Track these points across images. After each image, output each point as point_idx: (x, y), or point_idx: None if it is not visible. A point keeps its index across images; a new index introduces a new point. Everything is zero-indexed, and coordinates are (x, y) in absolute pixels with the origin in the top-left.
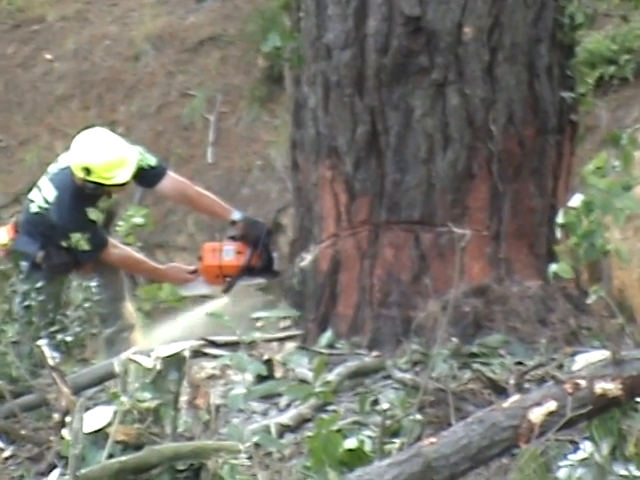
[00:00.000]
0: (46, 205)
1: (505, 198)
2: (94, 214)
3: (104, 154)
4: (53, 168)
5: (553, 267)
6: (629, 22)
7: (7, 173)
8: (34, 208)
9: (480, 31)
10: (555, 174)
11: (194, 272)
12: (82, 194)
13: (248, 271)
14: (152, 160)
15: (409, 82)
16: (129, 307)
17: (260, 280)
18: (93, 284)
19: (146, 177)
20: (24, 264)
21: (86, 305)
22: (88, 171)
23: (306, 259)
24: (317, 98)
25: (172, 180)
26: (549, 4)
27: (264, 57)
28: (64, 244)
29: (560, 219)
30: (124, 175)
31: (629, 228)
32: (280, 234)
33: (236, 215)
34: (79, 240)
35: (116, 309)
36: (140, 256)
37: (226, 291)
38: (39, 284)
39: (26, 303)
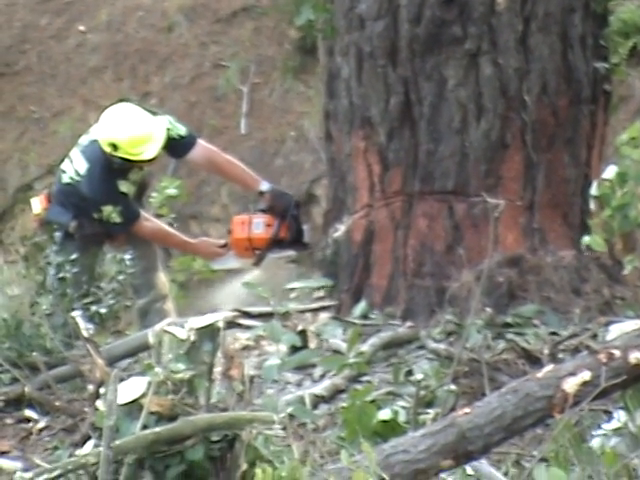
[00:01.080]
0: (77, 177)
1: (539, 168)
2: (125, 187)
3: (130, 131)
4: (84, 140)
5: (586, 239)
6: None
7: (41, 145)
8: (66, 179)
9: (513, 1)
10: (589, 144)
11: (224, 246)
12: (112, 167)
13: (277, 243)
14: (182, 130)
15: (442, 52)
16: (162, 278)
17: (290, 252)
18: (127, 256)
19: (177, 147)
20: (57, 234)
21: (120, 277)
22: (115, 147)
23: (340, 230)
24: (350, 69)
25: (202, 149)
26: None
27: (297, 28)
28: (96, 216)
29: (594, 191)
30: (151, 151)
31: None
32: (314, 205)
33: (264, 186)
34: (111, 213)
35: (149, 280)
36: (171, 229)
37: (256, 264)
38: (73, 256)
39: (60, 275)
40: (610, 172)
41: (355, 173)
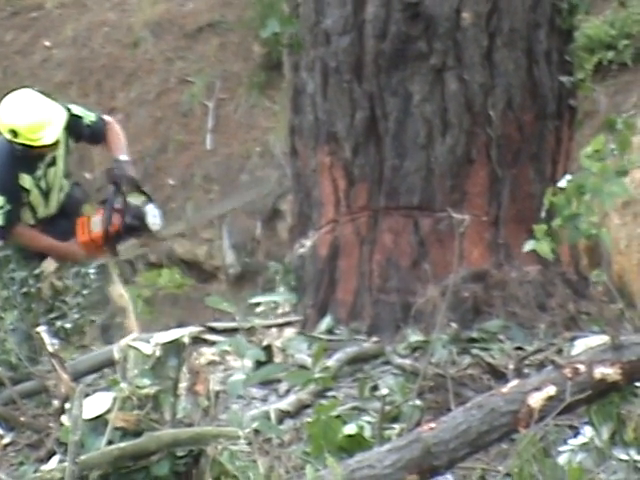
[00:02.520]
0: None
1: (504, 183)
2: (28, 182)
3: (29, 116)
4: None
5: (530, 244)
6: (627, 7)
7: None
8: None
9: (478, 16)
10: (554, 159)
11: None
12: (16, 155)
13: (118, 235)
14: (92, 116)
15: (408, 68)
16: (119, 290)
17: (134, 240)
18: (91, 271)
19: (92, 134)
20: None
21: (84, 292)
22: (15, 133)
23: (305, 245)
24: (316, 84)
25: (111, 128)
26: None
27: (262, 43)
28: None
29: (546, 199)
30: (50, 135)
31: (628, 213)
32: (279, 220)
33: (117, 159)
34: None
35: (105, 295)
36: (37, 233)
37: (114, 256)
38: (37, 271)
39: (24, 290)
40: (564, 181)
41: (321, 188)
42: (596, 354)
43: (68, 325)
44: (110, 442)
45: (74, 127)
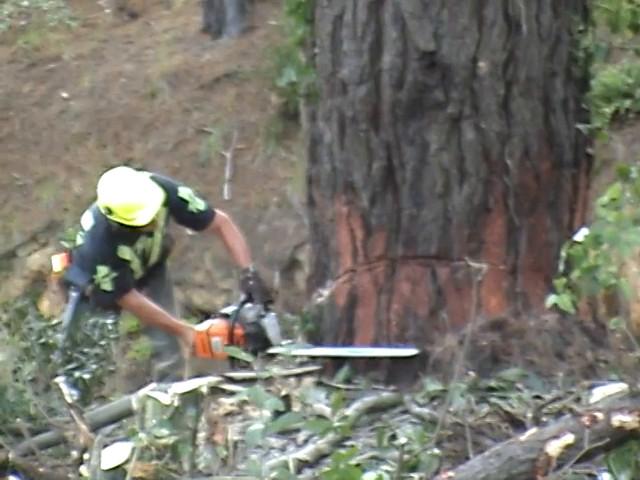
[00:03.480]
0: (82, 233)
1: (521, 232)
2: (128, 254)
3: (124, 196)
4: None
5: (552, 298)
6: None
7: (24, 211)
8: (79, 240)
9: (495, 65)
10: (571, 207)
11: None
12: (112, 230)
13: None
14: (201, 204)
15: (424, 117)
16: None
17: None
18: (109, 321)
19: (194, 221)
20: (73, 295)
21: (102, 342)
22: (109, 210)
23: (323, 295)
24: (333, 133)
25: (218, 221)
26: (564, 38)
27: (279, 93)
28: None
29: (563, 252)
30: (144, 217)
31: None
32: (297, 270)
33: (249, 266)
34: (103, 277)
35: (173, 342)
36: (159, 308)
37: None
38: (83, 318)
39: (42, 340)
40: (581, 235)
41: (338, 238)
42: (614, 402)
43: (86, 376)
44: None
45: (177, 209)
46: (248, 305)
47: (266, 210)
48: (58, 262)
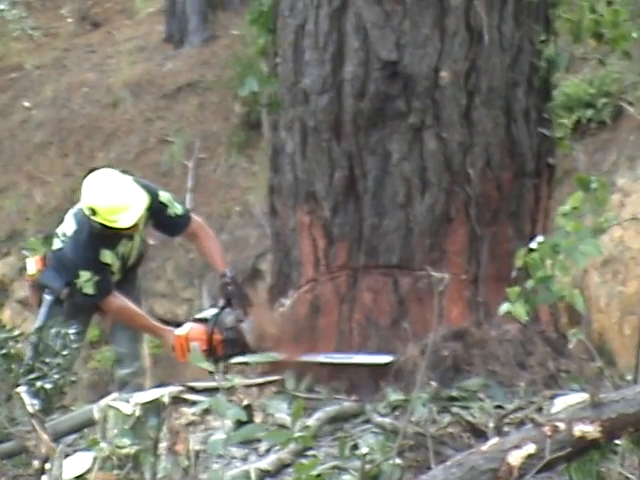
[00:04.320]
0: (64, 238)
1: (483, 242)
2: (109, 257)
3: (108, 197)
4: (78, 204)
5: (505, 307)
6: (606, 66)
7: None
8: (57, 244)
9: (457, 75)
10: (533, 217)
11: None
12: (95, 232)
13: (216, 355)
14: (179, 209)
15: (386, 126)
16: (145, 350)
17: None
18: (71, 331)
19: (172, 226)
20: (47, 298)
21: (65, 352)
22: (93, 211)
23: (285, 304)
24: (295, 143)
25: (193, 225)
26: (526, 48)
27: (242, 103)
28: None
29: (519, 260)
30: (127, 220)
31: (608, 271)
32: (259, 280)
33: (226, 272)
34: (85, 281)
35: (135, 350)
36: (139, 310)
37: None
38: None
39: (4, 351)
40: (535, 242)
41: (300, 247)
42: (576, 412)
43: (48, 385)
44: None
45: (156, 213)
46: (227, 310)
47: (228, 219)
48: (33, 265)
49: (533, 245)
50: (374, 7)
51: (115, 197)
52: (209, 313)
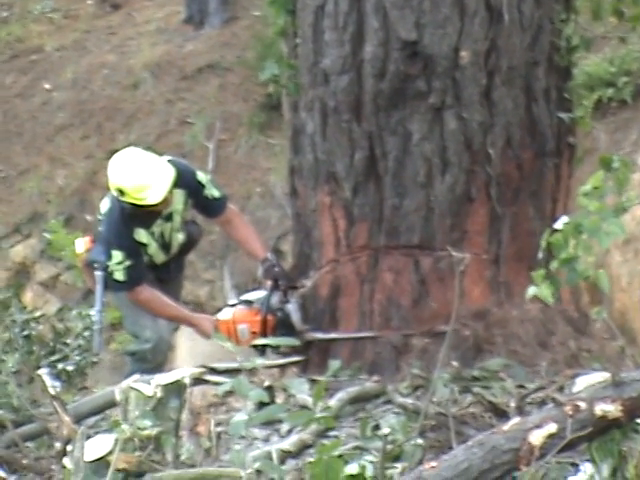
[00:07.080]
0: (99, 216)
1: (504, 221)
2: (144, 236)
3: (133, 176)
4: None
5: (532, 290)
6: (627, 44)
7: (7, 203)
8: (99, 218)
9: (477, 55)
10: (553, 197)
11: None
12: (129, 213)
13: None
14: (216, 192)
15: (407, 107)
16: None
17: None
18: (92, 312)
19: (208, 207)
20: (98, 274)
21: (86, 334)
22: (121, 192)
23: (306, 285)
24: (315, 124)
25: (230, 213)
26: (546, 27)
27: (262, 84)
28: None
29: (543, 241)
30: (155, 196)
31: (629, 250)
32: (280, 260)
33: (267, 255)
34: (118, 264)
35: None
36: (168, 300)
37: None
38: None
39: (25, 332)
40: (561, 223)
41: (320, 228)
42: (597, 391)
43: (70, 367)
44: None
45: (194, 192)
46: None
47: (249, 200)
48: (81, 244)
49: (558, 226)
50: None
51: (139, 175)
52: (252, 296)
